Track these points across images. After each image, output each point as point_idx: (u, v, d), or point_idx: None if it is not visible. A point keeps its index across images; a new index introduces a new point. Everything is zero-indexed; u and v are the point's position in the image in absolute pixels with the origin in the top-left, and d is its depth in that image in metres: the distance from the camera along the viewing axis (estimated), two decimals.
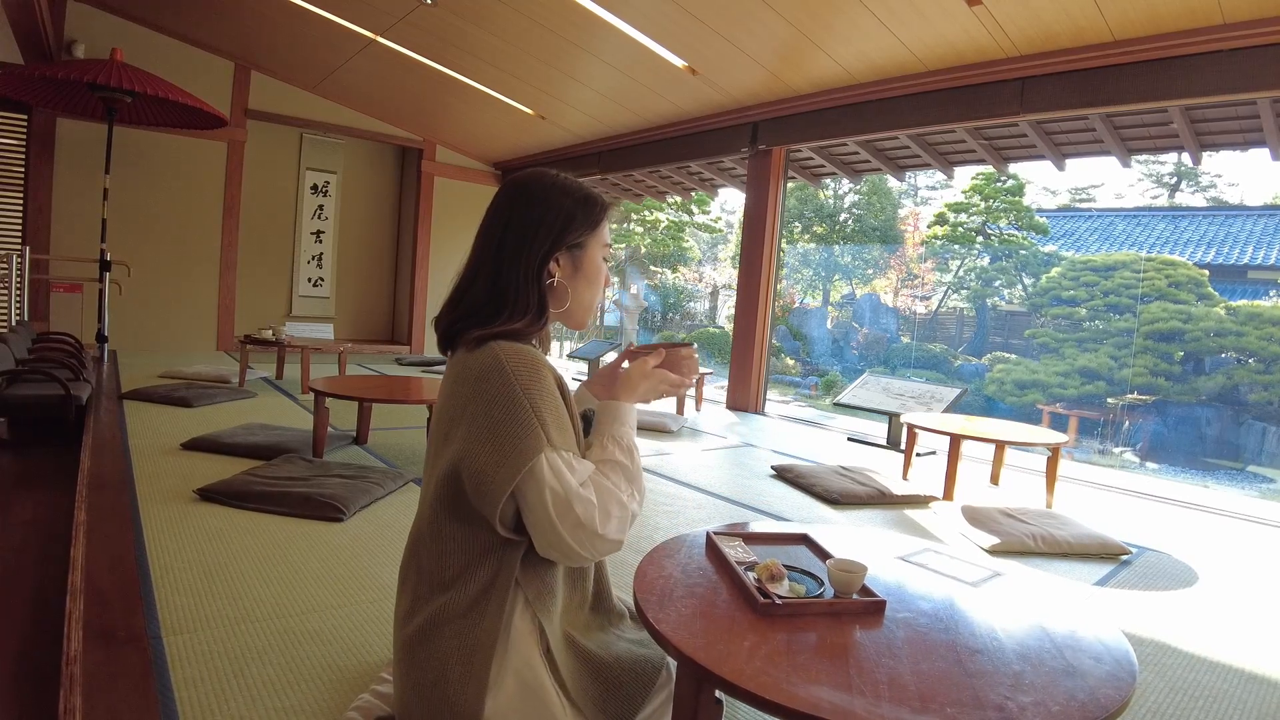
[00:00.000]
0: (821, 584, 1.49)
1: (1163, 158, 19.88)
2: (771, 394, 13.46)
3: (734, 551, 1.63)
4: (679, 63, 6.44)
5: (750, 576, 1.47)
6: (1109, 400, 11.30)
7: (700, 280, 20.01)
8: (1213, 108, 5.39)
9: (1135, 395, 11.16)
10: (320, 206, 10.19)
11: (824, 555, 1.67)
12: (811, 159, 7.96)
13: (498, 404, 1.30)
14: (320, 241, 10.24)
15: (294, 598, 2.42)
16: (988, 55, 5.34)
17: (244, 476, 3.57)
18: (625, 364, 1.58)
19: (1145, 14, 4.54)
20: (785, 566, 1.52)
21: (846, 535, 1.94)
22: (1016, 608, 1.51)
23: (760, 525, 1.94)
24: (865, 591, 1.46)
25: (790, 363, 15.60)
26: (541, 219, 1.43)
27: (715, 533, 1.76)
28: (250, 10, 7.42)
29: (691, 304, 19.56)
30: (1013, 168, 13.58)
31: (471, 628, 1.35)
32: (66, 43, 7.76)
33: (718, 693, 1.34)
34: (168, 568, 2.56)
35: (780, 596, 1.40)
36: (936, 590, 1.57)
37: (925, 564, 1.73)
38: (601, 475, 1.37)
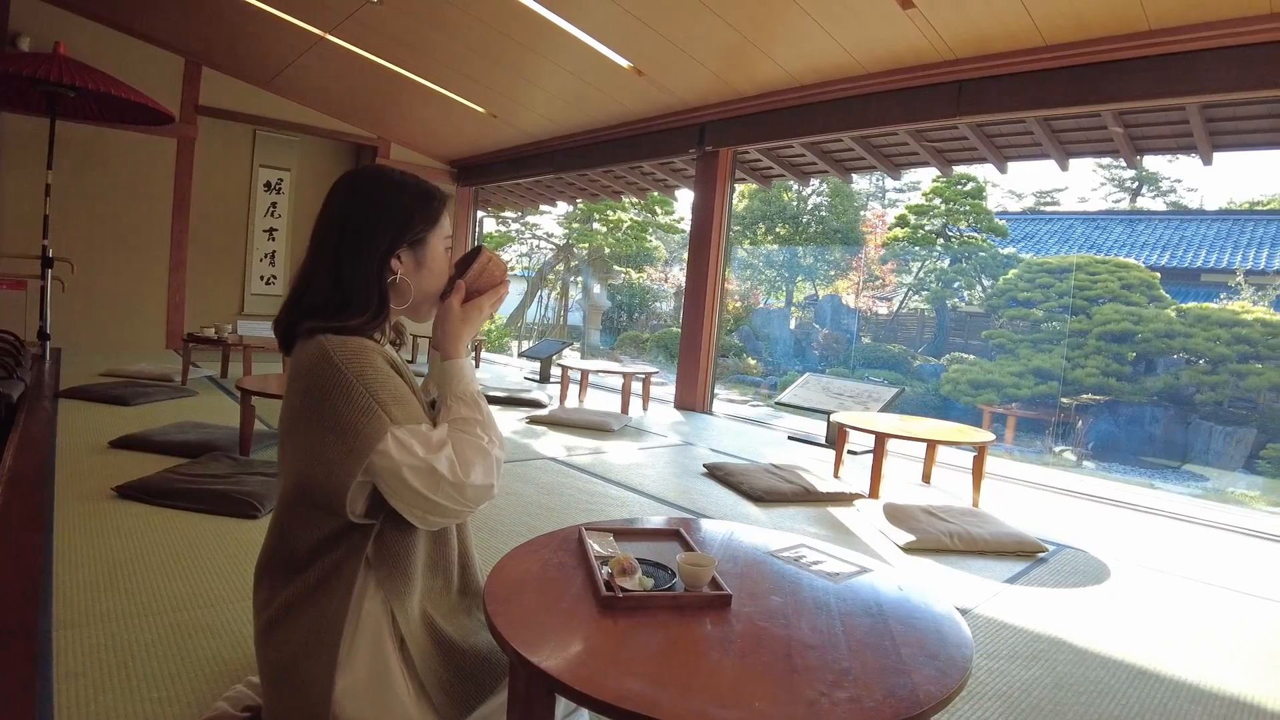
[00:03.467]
0: (674, 578, 1.52)
1: (1124, 161, 20.20)
2: (732, 394, 13.58)
3: (598, 547, 1.65)
4: (625, 64, 6.47)
5: (603, 570, 1.50)
6: (1063, 400, 11.47)
7: (666, 280, 20.03)
8: (1144, 113, 5.50)
9: (1089, 396, 11.34)
10: (274, 204, 10.10)
11: (693, 550, 1.70)
12: (760, 161, 8.02)
13: (332, 394, 1.30)
14: (273, 239, 10.15)
15: (194, 592, 2.43)
16: (925, 58, 5.41)
17: (165, 474, 3.55)
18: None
19: (1073, 19, 4.63)
20: (642, 561, 1.54)
21: (727, 530, 1.97)
22: (869, 604, 1.53)
23: (660, 521, 1.95)
24: (715, 585, 1.48)
25: (752, 363, 15.67)
26: (381, 216, 1.43)
27: (588, 528, 1.78)
28: (199, 5, 7.34)
29: (657, 304, 19.58)
30: (972, 170, 13.86)
31: (320, 610, 1.36)
32: (11, 35, 7.62)
33: None
34: (73, 564, 2.55)
35: (625, 590, 1.42)
36: (794, 586, 1.59)
37: (796, 560, 1.76)
38: (457, 431, 1.40)
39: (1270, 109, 5.10)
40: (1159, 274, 12.32)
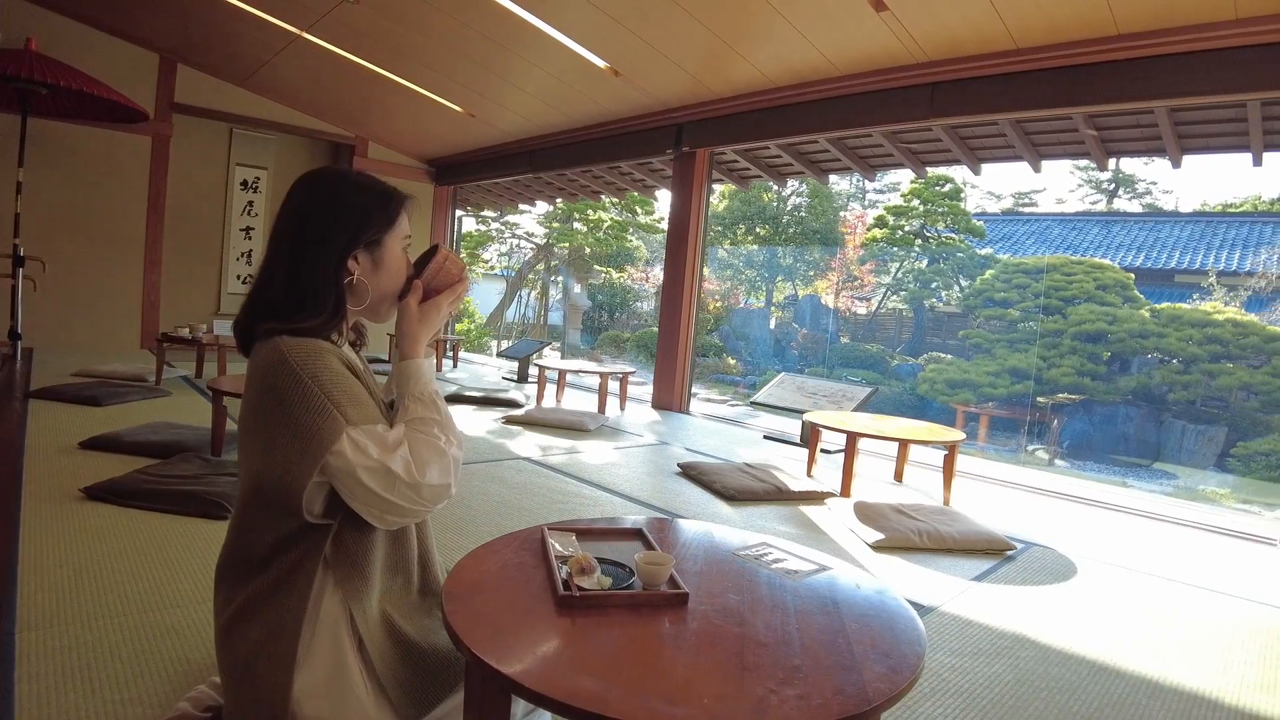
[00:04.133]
0: (632, 576, 1.53)
1: (1095, 163, 20.46)
2: (712, 393, 13.62)
3: (559, 546, 1.67)
4: (601, 64, 6.48)
5: (562, 570, 1.51)
6: (1039, 399, 11.58)
7: (647, 280, 20.05)
8: (1114, 115, 5.57)
9: (1064, 395, 11.46)
10: (250, 203, 10.04)
11: (655, 550, 1.71)
12: (737, 162, 8.06)
13: (286, 397, 1.31)
14: (250, 238, 10.08)
15: (160, 593, 2.42)
16: (898, 60, 5.46)
17: (134, 475, 3.53)
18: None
19: (1043, 23, 4.68)
20: (602, 560, 1.56)
21: (693, 529, 1.99)
22: (826, 602, 1.55)
23: (624, 521, 1.97)
24: (672, 584, 1.50)
25: (732, 362, 15.72)
26: (338, 217, 1.44)
27: (551, 528, 1.80)
28: (174, 1, 7.28)
29: (639, 304, 19.61)
30: (949, 172, 13.97)
31: (278, 609, 1.37)
32: None
33: None
34: (39, 566, 2.54)
35: (582, 589, 1.44)
36: (752, 585, 1.61)
37: (757, 559, 1.77)
38: (414, 432, 1.40)
39: (1236, 113, 5.17)
40: (1133, 275, 12.47)
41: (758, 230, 17.34)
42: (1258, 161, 5.52)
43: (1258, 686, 2.43)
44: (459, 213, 12.49)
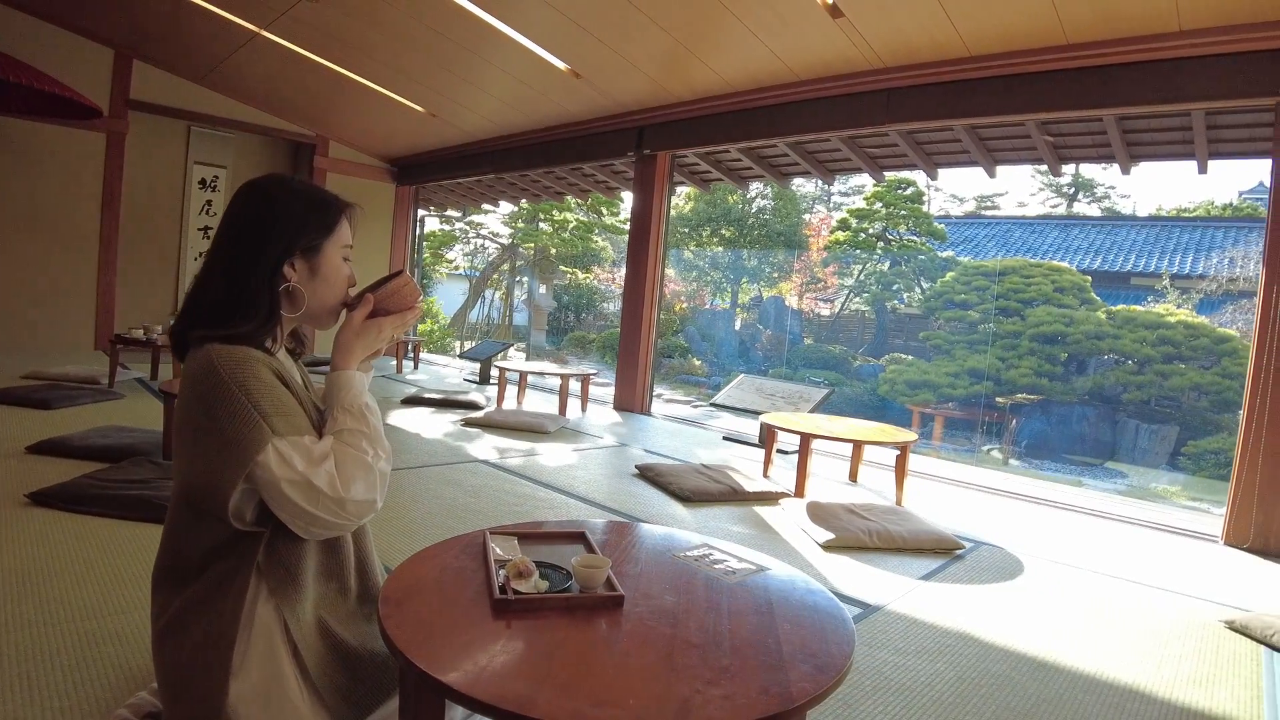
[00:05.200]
0: (570, 579, 1.55)
1: (1065, 168, 20.88)
2: (677, 394, 13.65)
3: (500, 550, 1.68)
4: (563, 66, 6.49)
5: (500, 574, 1.52)
6: (998, 400, 11.76)
7: (614, 281, 20.07)
8: (1066, 123, 5.69)
9: (1022, 395, 11.65)
10: (209, 202, 9.92)
11: (595, 552, 1.73)
12: (698, 165, 8.11)
13: (214, 405, 1.31)
14: (209, 238, 9.89)
15: (105, 600, 2.40)
16: (855, 66, 5.53)
17: (83, 480, 3.47)
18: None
19: (997, 31, 4.77)
20: (540, 564, 1.57)
21: (639, 530, 2.00)
22: (760, 603, 1.58)
23: (565, 523, 1.98)
24: (609, 586, 1.52)
25: (697, 363, 15.78)
26: (273, 224, 1.44)
27: (493, 531, 1.81)
28: None
29: (605, 305, 19.62)
30: (911, 176, 14.13)
31: (213, 617, 1.37)
32: None
33: None
34: None
35: (519, 593, 1.45)
36: (689, 586, 1.63)
37: (699, 560, 1.80)
38: (341, 444, 1.40)
39: (1182, 122, 5.31)
40: (1090, 277, 12.73)
41: (723, 232, 17.42)
42: (1203, 169, 5.66)
43: (1190, 680, 2.50)
44: (421, 213, 12.43)
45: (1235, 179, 40.59)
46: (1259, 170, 23.24)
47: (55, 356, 7.80)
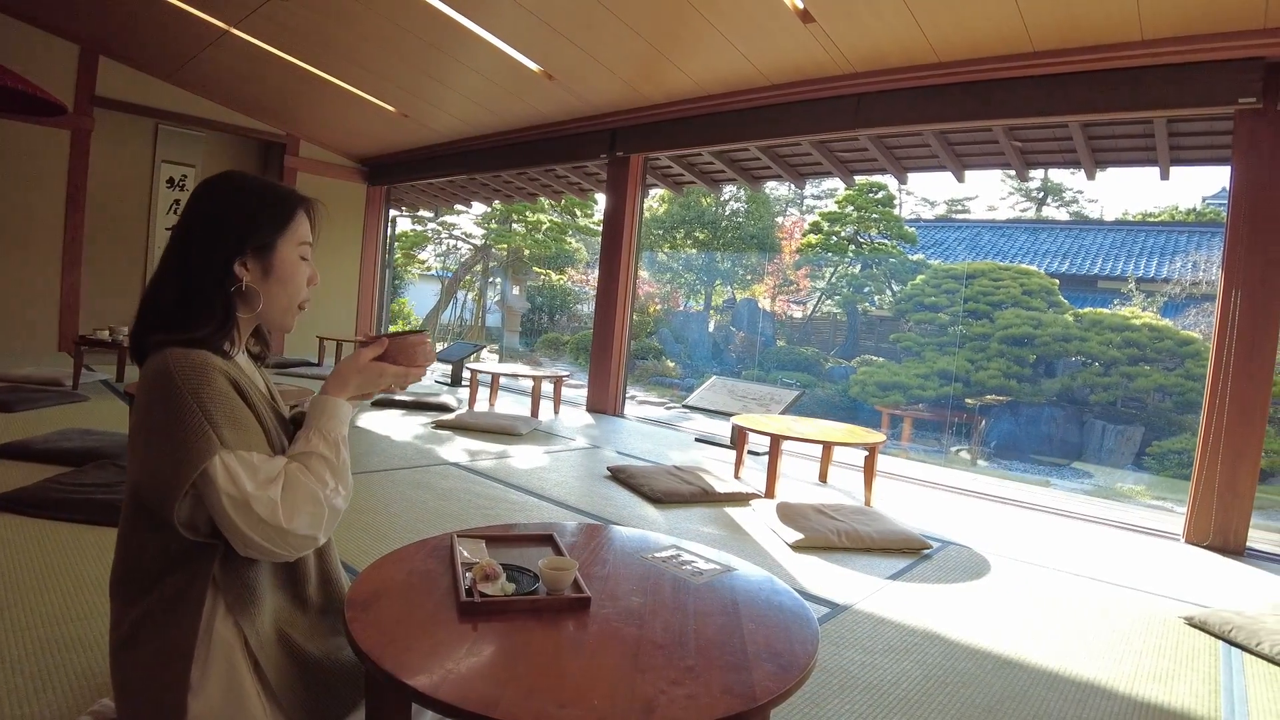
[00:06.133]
0: (537, 582, 1.55)
1: (1033, 173, 21.21)
2: (650, 395, 13.68)
3: (467, 553, 1.68)
4: (535, 67, 6.49)
5: (467, 576, 1.53)
6: (967, 401, 11.90)
7: (587, 282, 20.07)
8: (1032, 129, 5.77)
9: (991, 397, 11.79)
10: (177, 201, 9.78)
11: (563, 555, 1.73)
12: (671, 168, 8.13)
13: (165, 410, 1.28)
14: None
15: (67, 606, 2.36)
16: (826, 71, 5.57)
17: (45, 484, 3.42)
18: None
19: (964, 39, 4.84)
20: (508, 566, 1.58)
21: (609, 532, 2.01)
22: (726, 604, 1.59)
23: (528, 524, 1.98)
24: (576, 588, 1.53)
25: (671, 365, 15.82)
26: (224, 221, 1.41)
27: (460, 534, 1.81)
28: None
29: (579, 306, 19.61)
30: (881, 180, 14.26)
31: (169, 633, 1.33)
32: None
33: None
34: None
35: (484, 595, 1.46)
36: (656, 587, 1.64)
37: (667, 561, 1.81)
38: (301, 468, 1.36)
39: (1144, 129, 5.40)
40: (1058, 280, 12.95)
41: (697, 234, 17.49)
42: (1165, 175, 5.77)
43: (1150, 676, 2.55)
44: (393, 213, 12.35)
45: (1199, 185, 41.40)
46: (1221, 176, 23.68)
47: (17, 358, 7.66)
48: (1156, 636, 2.92)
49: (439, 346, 14.97)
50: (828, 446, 5.20)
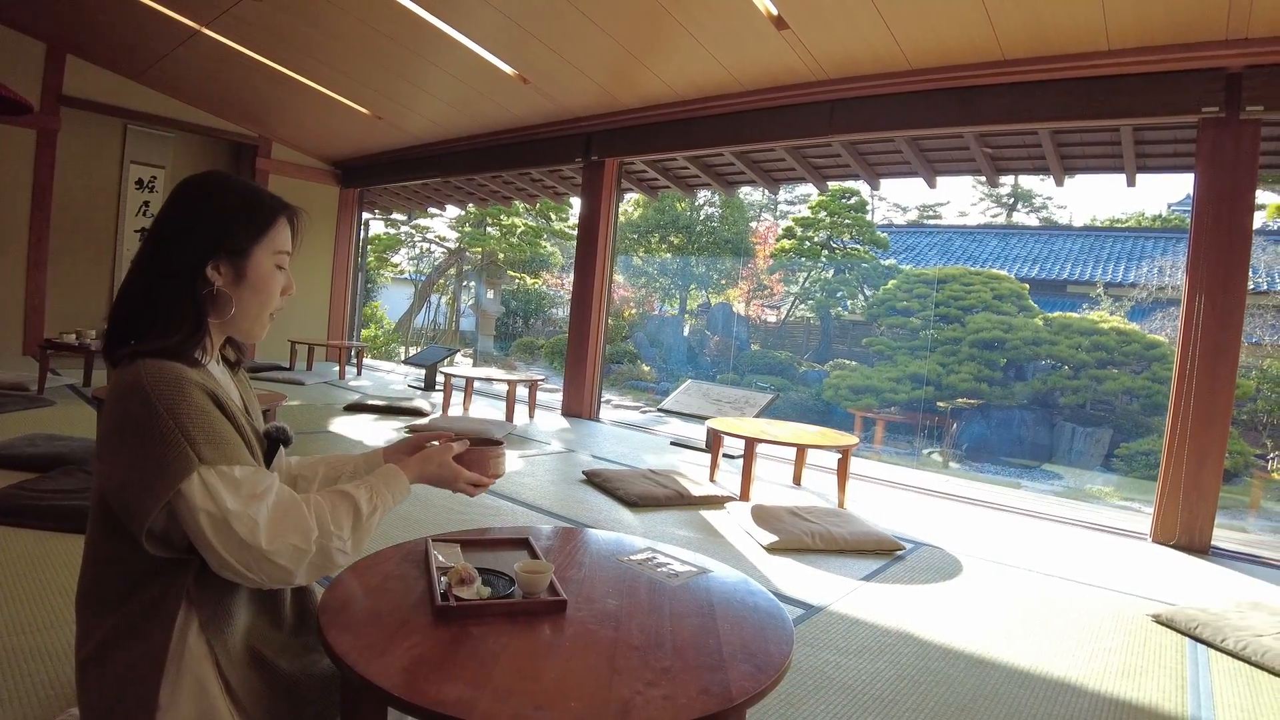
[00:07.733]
0: (513, 585, 1.55)
1: (1004, 179, 21.47)
2: (626, 399, 13.68)
3: (442, 558, 1.67)
4: (510, 71, 6.48)
5: (442, 581, 1.52)
6: (939, 404, 12.01)
7: (563, 286, 20.04)
8: (1002, 135, 5.85)
9: (963, 400, 11.91)
10: (146, 203, 9.65)
11: (538, 558, 1.73)
12: (646, 172, 8.15)
13: (138, 426, 1.22)
14: None
15: (33, 615, 2.32)
16: (800, 78, 5.62)
17: (11, 490, 3.36)
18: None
19: (936, 46, 4.89)
20: (483, 570, 1.57)
21: (584, 536, 2.01)
22: (702, 605, 1.60)
23: (502, 528, 1.98)
24: (552, 591, 1.53)
25: (646, 369, 15.84)
26: (195, 223, 1.35)
27: (436, 538, 1.80)
28: None
29: (554, 310, 19.57)
30: (853, 185, 14.37)
31: (138, 652, 1.28)
32: None
33: None
34: None
35: (460, 599, 1.45)
36: (632, 589, 1.65)
37: (643, 563, 1.81)
38: (326, 502, 1.34)
39: (1111, 137, 5.49)
40: (1028, 285, 13.12)
41: (672, 239, 17.53)
42: (1131, 182, 5.87)
43: (1120, 672, 2.59)
44: (366, 216, 12.27)
45: (1165, 192, 42.20)
46: (1185, 184, 24.13)
47: None
48: (1125, 634, 2.97)
49: (412, 350, 14.87)
50: (801, 449, 5.23)
